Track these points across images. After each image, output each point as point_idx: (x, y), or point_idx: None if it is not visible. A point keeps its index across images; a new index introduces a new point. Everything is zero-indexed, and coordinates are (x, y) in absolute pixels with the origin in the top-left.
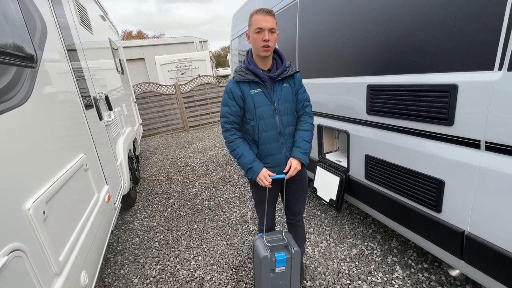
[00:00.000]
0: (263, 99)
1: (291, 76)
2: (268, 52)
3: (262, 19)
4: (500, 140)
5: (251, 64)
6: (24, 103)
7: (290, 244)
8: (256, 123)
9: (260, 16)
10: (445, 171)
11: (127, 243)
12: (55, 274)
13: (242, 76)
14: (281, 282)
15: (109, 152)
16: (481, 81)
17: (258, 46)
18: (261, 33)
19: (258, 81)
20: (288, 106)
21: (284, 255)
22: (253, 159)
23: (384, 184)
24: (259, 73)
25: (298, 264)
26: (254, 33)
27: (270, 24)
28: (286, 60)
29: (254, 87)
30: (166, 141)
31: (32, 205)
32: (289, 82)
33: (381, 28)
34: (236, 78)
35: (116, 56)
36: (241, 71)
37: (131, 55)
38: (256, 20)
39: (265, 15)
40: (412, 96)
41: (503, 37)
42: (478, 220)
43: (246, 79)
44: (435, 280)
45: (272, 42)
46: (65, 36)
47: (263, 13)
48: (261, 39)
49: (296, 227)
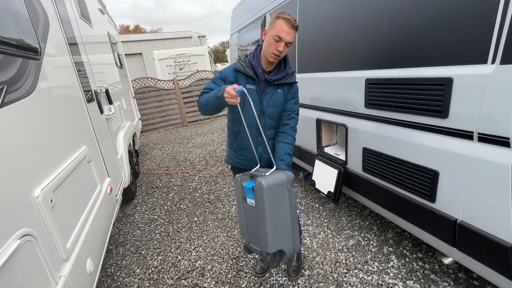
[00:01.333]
0: (255, 97)
1: (289, 84)
2: (276, 60)
3: (286, 31)
4: (492, 132)
5: (255, 59)
6: (30, 94)
7: (259, 176)
8: (240, 117)
9: (286, 27)
10: (440, 162)
11: (128, 235)
12: (63, 260)
13: (242, 67)
14: (253, 220)
15: (110, 146)
16: (475, 74)
17: (269, 52)
18: (279, 43)
19: (255, 78)
20: (275, 111)
21: (251, 183)
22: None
23: (381, 176)
24: (258, 71)
25: (264, 205)
26: (272, 38)
27: (290, 38)
28: (289, 68)
29: (250, 82)
30: (165, 136)
31: (40, 193)
32: (284, 89)
33: (379, 23)
34: (237, 66)
35: (115, 50)
36: (244, 62)
37: (128, 50)
38: (280, 28)
39: (291, 29)
40: (409, 89)
41: (497, 31)
42: (470, 209)
43: (245, 72)
44: (429, 268)
45: (283, 54)
46: (66, 28)
47: (290, 26)
48: (275, 48)
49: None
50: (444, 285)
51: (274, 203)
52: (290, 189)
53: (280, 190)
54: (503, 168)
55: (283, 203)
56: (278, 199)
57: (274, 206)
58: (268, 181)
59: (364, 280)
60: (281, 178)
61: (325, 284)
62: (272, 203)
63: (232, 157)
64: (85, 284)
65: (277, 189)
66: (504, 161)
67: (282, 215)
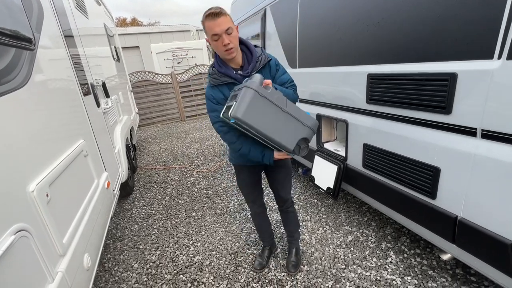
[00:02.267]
0: None
1: (264, 66)
2: (233, 53)
3: (214, 25)
4: (496, 128)
5: (222, 66)
6: (24, 85)
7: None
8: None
9: (211, 22)
10: (442, 159)
11: (126, 230)
12: (59, 255)
13: (217, 79)
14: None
15: (107, 140)
16: (480, 70)
17: (221, 52)
18: (219, 39)
19: (235, 82)
20: None
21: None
22: (261, 149)
23: (381, 172)
24: (232, 74)
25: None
26: (212, 41)
27: (224, 26)
28: (255, 51)
29: (231, 87)
30: (163, 131)
31: (35, 187)
32: (264, 72)
33: (382, 17)
34: (212, 83)
35: (112, 43)
36: (215, 74)
37: (125, 43)
38: (209, 27)
39: (215, 19)
40: (412, 85)
41: (504, 25)
42: (471, 206)
43: (222, 82)
44: (427, 264)
45: (234, 43)
46: (62, 19)
47: (213, 18)
48: (221, 44)
49: (287, 213)
50: (441, 281)
51: (259, 119)
52: (265, 94)
53: (255, 107)
54: (506, 165)
55: (269, 111)
56: (260, 113)
57: (261, 121)
58: (238, 109)
59: (362, 276)
60: (249, 95)
61: (324, 279)
62: (258, 121)
63: (236, 156)
64: (82, 280)
65: (251, 110)
66: (507, 158)
67: (277, 119)
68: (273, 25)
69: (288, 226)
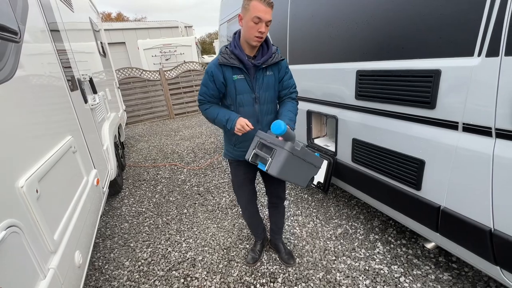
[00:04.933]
0: (245, 86)
1: (276, 63)
2: (259, 42)
3: (264, 10)
4: (475, 122)
5: (237, 48)
6: (10, 79)
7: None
8: (235, 109)
9: (262, 6)
10: (426, 152)
11: (115, 228)
12: (50, 252)
13: (226, 59)
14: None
15: (95, 136)
16: (462, 66)
17: (251, 36)
18: (259, 24)
19: (242, 67)
20: (269, 95)
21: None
22: (228, 112)
23: (369, 166)
24: (244, 59)
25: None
26: (251, 21)
27: (269, 17)
28: (272, 47)
29: (237, 72)
30: (151, 129)
31: (25, 183)
32: (273, 70)
33: (371, 15)
34: (220, 61)
35: (98, 38)
36: (226, 54)
37: (111, 38)
38: (256, 8)
39: (267, 7)
40: (399, 81)
41: (483, 24)
42: (453, 196)
43: (230, 64)
44: (412, 253)
45: (265, 34)
46: (46, 11)
47: (266, 4)
48: (257, 30)
49: (279, 208)
50: (425, 269)
51: (289, 172)
52: (297, 153)
53: (290, 164)
54: (484, 156)
55: (296, 163)
56: (294, 169)
57: (293, 174)
58: (274, 168)
59: (351, 266)
60: (284, 156)
61: (315, 271)
62: (288, 174)
63: (232, 151)
64: (74, 277)
65: (286, 167)
66: (486, 150)
67: (300, 168)
68: None
69: (278, 222)
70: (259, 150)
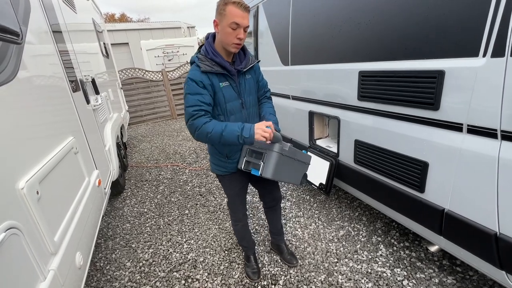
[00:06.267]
0: (232, 92)
1: (252, 66)
2: (238, 49)
3: (241, 15)
4: (480, 123)
5: (216, 56)
6: (12, 80)
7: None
8: (226, 118)
9: (239, 11)
10: (430, 154)
11: (117, 228)
12: (51, 253)
13: (209, 67)
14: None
15: (97, 137)
16: (466, 67)
17: (229, 42)
18: (237, 30)
19: (227, 74)
20: (253, 98)
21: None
22: (239, 123)
23: (372, 167)
24: (227, 66)
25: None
26: (228, 27)
27: (247, 23)
28: (248, 51)
29: (222, 79)
30: (154, 129)
31: (25, 184)
32: (251, 73)
33: (374, 16)
34: (202, 69)
35: (101, 39)
36: (206, 61)
37: (114, 39)
38: (233, 13)
39: (244, 11)
40: (402, 82)
41: (489, 24)
42: (457, 198)
43: (215, 71)
44: (415, 256)
45: (244, 40)
46: (49, 13)
47: (242, 9)
48: (235, 36)
49: (276, 210)
50: (429, 272)
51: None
52: (287, 153)
53: (282, 165)
54: (490, 159)
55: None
56: (286, 169)
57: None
58: (268, 170)
59: (354, 269)
60: (275, 158)
61: (316, 273)
62: (282, 174)
63: (224, 165)
64: (75, 278)
65: (279, 168)
66: (491, 152)
67: (291, 166)
68: (266, 22)
69: (277, 223)
70: (250, 156)
